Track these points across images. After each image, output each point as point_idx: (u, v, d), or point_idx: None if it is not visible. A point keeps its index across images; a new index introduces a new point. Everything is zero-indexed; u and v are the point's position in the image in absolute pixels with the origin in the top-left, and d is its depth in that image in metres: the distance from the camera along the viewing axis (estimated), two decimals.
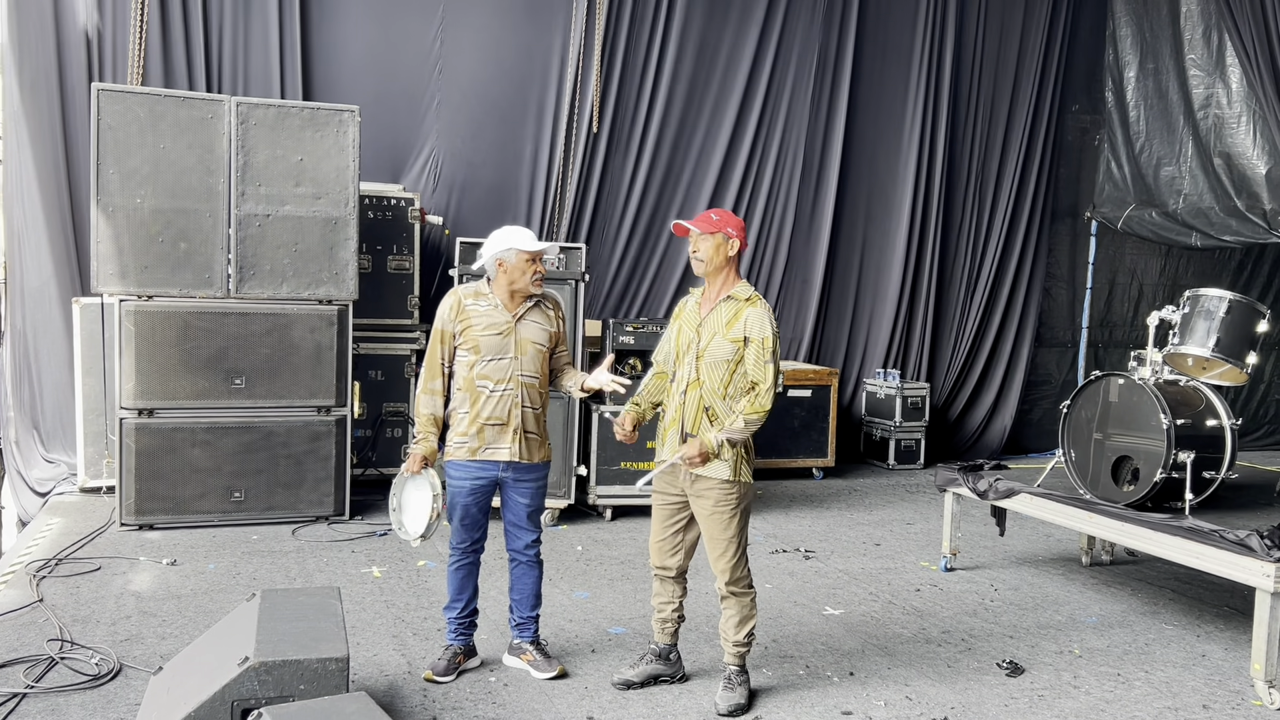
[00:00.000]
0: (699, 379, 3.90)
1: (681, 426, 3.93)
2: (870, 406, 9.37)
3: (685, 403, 3.92)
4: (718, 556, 3.93)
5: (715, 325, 3.91)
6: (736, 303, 3.93)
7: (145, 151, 6.03)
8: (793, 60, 9.03)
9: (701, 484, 3.89)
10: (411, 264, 7.45)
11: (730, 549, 3.91)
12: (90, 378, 6.88)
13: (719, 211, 3.98)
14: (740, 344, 3.87)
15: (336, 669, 3.32)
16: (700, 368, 3.89)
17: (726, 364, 3.87)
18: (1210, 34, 8.78)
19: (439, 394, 4.13)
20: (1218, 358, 5.21)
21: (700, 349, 3.91)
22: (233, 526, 6.27)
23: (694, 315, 4.00)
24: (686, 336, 3.98)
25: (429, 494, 4.03)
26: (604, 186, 8.58)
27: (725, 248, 3.92)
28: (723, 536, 3.90)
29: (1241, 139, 8.50)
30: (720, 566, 3.93)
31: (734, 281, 3.98)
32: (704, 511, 3.92)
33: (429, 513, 4.02)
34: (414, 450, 4.08)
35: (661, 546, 4.07)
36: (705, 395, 3.89)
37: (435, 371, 4.13)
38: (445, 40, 8.16)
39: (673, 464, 3.90)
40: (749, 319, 3.88)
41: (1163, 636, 4.98)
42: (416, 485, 4.08)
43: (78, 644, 4.31)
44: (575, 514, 6.88)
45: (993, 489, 5.59)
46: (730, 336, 3.87)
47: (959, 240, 9.76)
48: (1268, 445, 10.79)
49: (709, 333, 3.91)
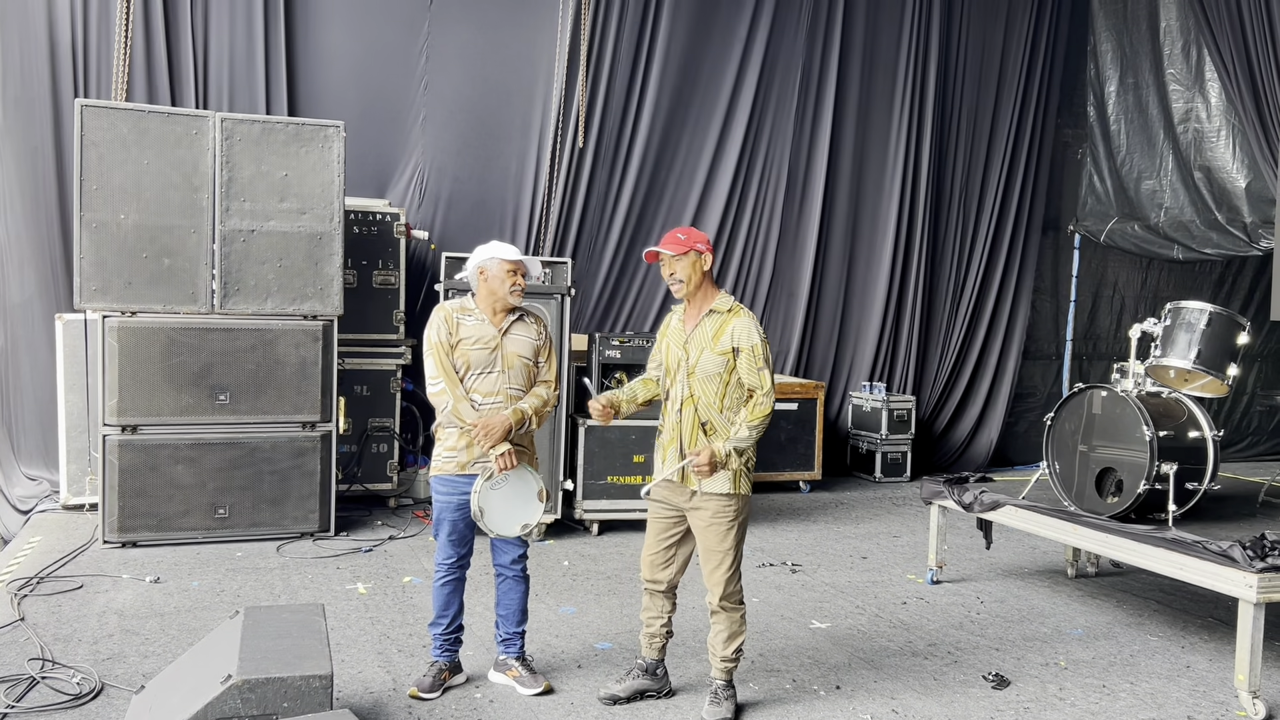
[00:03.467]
0: (693, 395, 3.91)
1: (680, 443, 3.93)
2: (856, 419, 9.39)
3: (682, 420, 3.93)
4: (712, 569, 3.93)
5: (702, 340, 3.93)
6: (720, 315, 3.95)
7: (129, 167, 6.01)
8: (777, 75, 9.09)
9: (700, 496, 3.90)
10: (397, 279, 7.44)
11: (726, 562, 3.91)
12: (73, 394, 6.83)
13: (683, 230, 4.01)
14: (730, 355, 3.88)
15: (320, 686, 3.30)
16: (693, 384, 3.91)
17: (719, 377, 3.89)
18: (1189, 49, 8.88)
19: (468, 399, 4.08)
20: (1199, 370, 5.25)
21: (690, 365, 3.92)
22: (217, 543, 6.23)
23: (679, 333, 4.02)
24: (675, 355, 3.99)
25: (532, 480, 4.10)
26: (590, 201, 8.60)
27: (700, 264, 3.95)
28: (719, 549, 3.91)
29: (1221, 153, 8.58)
30: (714, 580, 3.94)
31: (714, 295, 4.01)
32: (701, 523, 3.93)
33: (540, 495, 4.10)
34: (499, 449, 3.99)
35: (654, 560, 4.06)
36: (701, 410, 3.90)
37: (455, 379, 4.08)
38: (431, 55, 8.18)
39: (680, 469, 3.90)
40: (735, 329, 3.90)
41: (1148, 648, 5.00)
42: (510, 480, 4.05)
43: (59, 663, 4.27)
44: (562, 529, 6.86)
45: (978, 501, 5.60)
46: (719, 350, 3.89)
47: (944, 253, 9.82)
48: (1250, 456, 10.87)
49: (696, 348, 3.92)
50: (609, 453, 6.78)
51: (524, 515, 4.10)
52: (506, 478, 4.05)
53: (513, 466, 4.04)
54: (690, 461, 3.83)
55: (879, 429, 9.07)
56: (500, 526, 4.06)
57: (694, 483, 3.89)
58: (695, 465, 3.80)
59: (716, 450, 3.80)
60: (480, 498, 4.00)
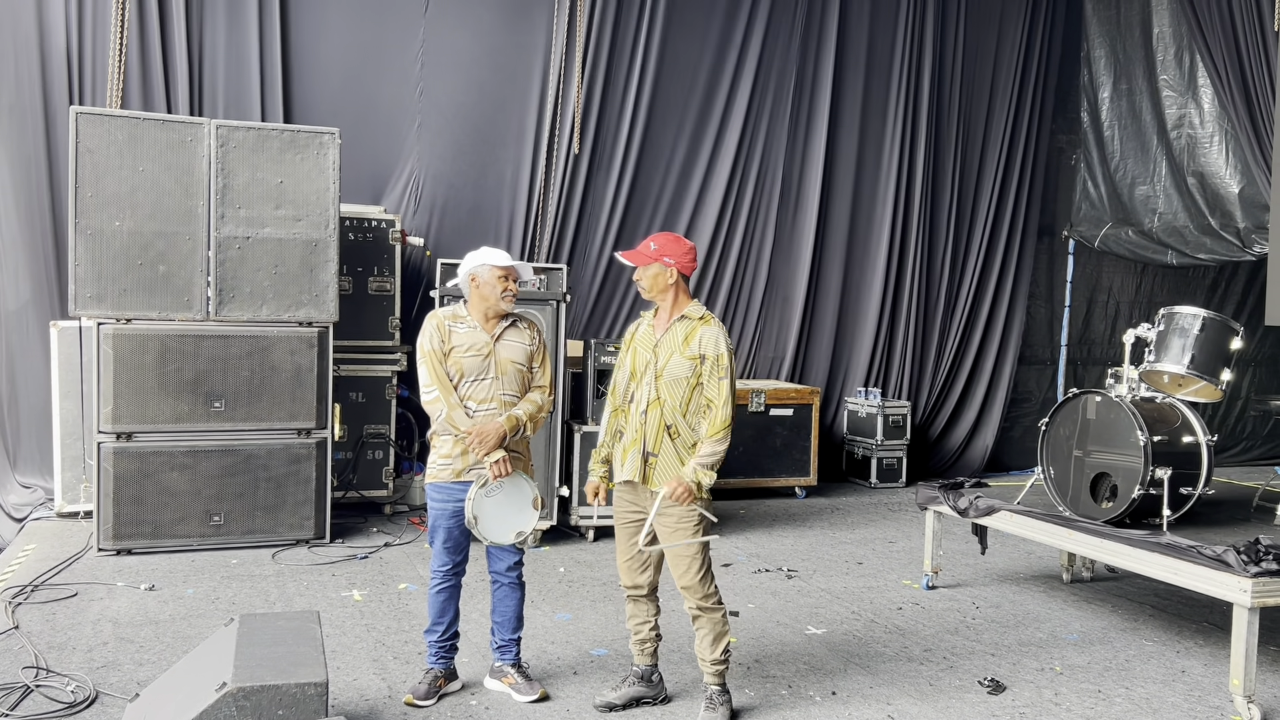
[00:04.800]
0: (659, 398, 3.94)
1: (643, 445, 3.95)
2: (852, 425, 9.40)
3: (646, 421, 3.95)
4: (683, 573, 3.94)
5: (672, 344, 3.97)
6: (691, 322, 4.00)
7: (124, 174, 6.01)
8: (771, 81, 9.11)
9: (663, 501, 3.91)
10: (393, 285, 7.44)
11: (695, 564, 3.92)
12: (68, 401, 6.82)
13: (659, 237, 4.04)
14: (697, 361, 3.93)
15: (315, 694, 3.29)
16: (660, 386, 3.94)
17: (685, 381, 3.93)
18: (1182, 55, 8.91)
19: (461, 407, 4.08)
20: (1193, 375, 5.26)
21: (658, 368, 3.96)
22: (212, 551, 6.22)
23: (649, 337, 4.06)
24: (643, 358, 4.03)
25: (527, 488, 4.11)
26: (585, 207, 8.61)
27: (664, 276, 3.98)
28: (686, 553, 3.92)
29: (1214, 158, 8.61)
30: (686, 582, 3.94)
31: (685, 302, 4.05)
32: (667, 528, 3.94)
33: (534, 503, 4.12)
34: (494, 455, 3.99)
35: (630, 565, 4.07)
36: (666, 413, 3.93)
37: (449, 387, 4.08)
38: (426, 62, 8.19)
39: (640, 469, 3.92)
40: (704, 337, 3.95)
41: (1143, 653, 5.00)
42: (504, 487, 4.05)
43: (53, 671, 4.26)
44: (558, 535, 6.86)
45: (973, 507, 5.61)
46: (687, 354, 3.94)
47: (939, 259, 9.83)
48: (1244, 461, 10.89)
49: (666, 352, 3.97)
50: None
51: (518, 523, 4.10)
52: (501, 485, 4.05)
53: (507, 474, 4.04)
54: (666, 498, 3.82)
55: (874, 434, 9.08)
56: (494, 534, 4.06)
57: (656, 485, 3.91)
58: (674, 497, 3.81)
59: (684, 476, 3.83)
60: (474, 505, 4.00)
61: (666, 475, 3.90)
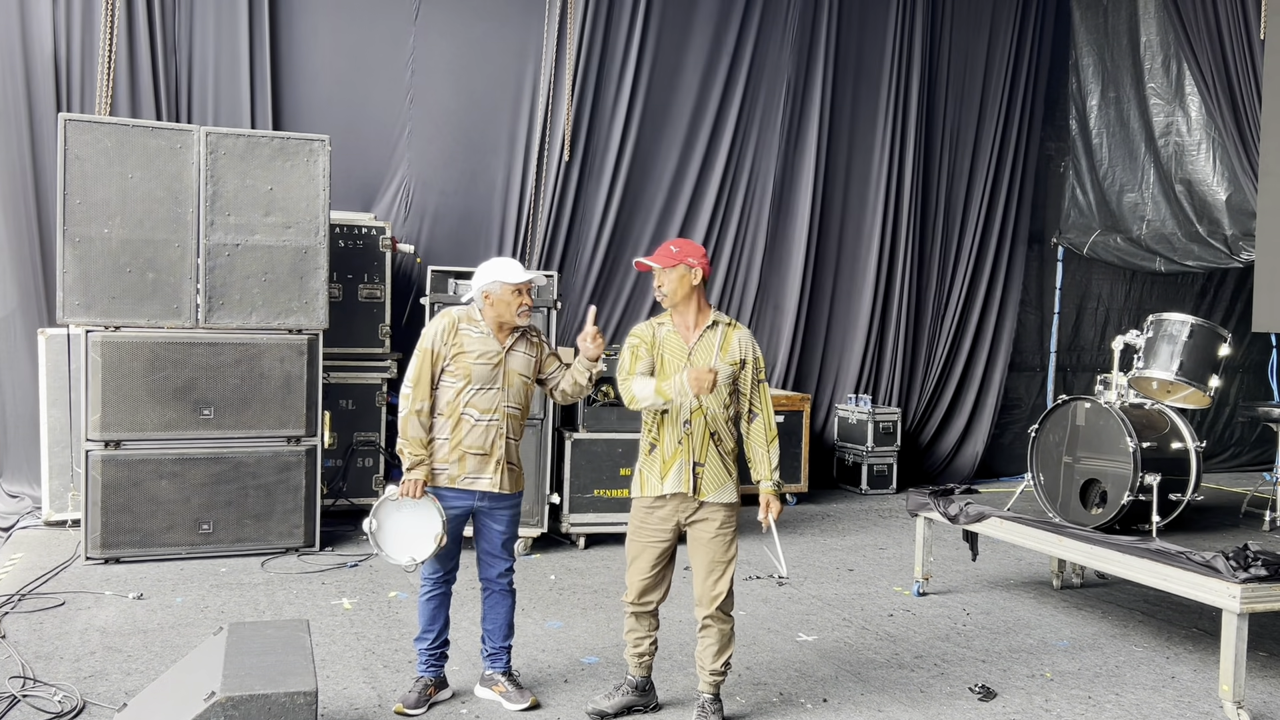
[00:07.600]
0: (702, 407, 3.93)
1: (691, 455, 3.94)
2: (843, 432, 9.41)
3: (691, 432, 3.94)
4: (715, 580, 3.95)
5: (709, 352, 3.95)
6: (723, 327, 4.01)
7: (113, 181, 5.99)
8: (762, 88, 9.13)
9: (706, 509, 3.95)
10: (383, 293, 7.43)
11: (729, 572, 3.98)
12: (56, 409, 6.79)
13: (678, 242, 4.02)
14: (737, 366, 3.96)
15: (305, 703, 3.27)
16: (701, 396, 3.88)
17: (725, 387, 3.95)
18: (1169, 63, 8.97)
19: (426, 415, 4.06)
20: (1181, 381, 5.29)
21: None
22: (201, 559, 6.19)
23: (678, 344, 4.00)
24: (677, 367, 3.96)
25: (437, 520, 3.99)
26: (576, 215, 8.62)
27: (689, 278, 3.95)
28: (724, 559, 3.97)
29: (1202, 166, 8.67)
30: (717, 591, 3.95)
31: (706, 308, 4.04)
32: (706, 534, 3.95)
33: (436, 539, 3.98)
34: (413, 475, 3.99)
35: (649, 584, 4.04)
36: (709, 421, 3.94)
37: (424, 393, 4.05)
38: (416, 69, 8.19)
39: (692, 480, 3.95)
40: (741, 341, 4.00)
41: (1133, 659, 5.01)
42: (417, 509, 4.01)
43: (40, 681, 4.23)
44: (548, 543, 6.84)
45: (963, 513, 5.62)
46: (728, 360, 3.95)
47: (929, 266, 9.86)
48: (1233, 467, 10.93)
49: (703, 360, 3.94)
50: (596, 466, 6.78)
51: (415, 550, 4.02)
52: (415, 505, 4.00)
53: (415, 497, 3.99)
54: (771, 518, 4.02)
55: (865, 441, 9.09)
56: (390, 547, 4.02)
57: (705, 493, 3.93)
58: (776, 518, 4.02)
59: (771, 494, 4.00)
60: (380, 511, 4.00)
61: (714, 483, 3.95)
